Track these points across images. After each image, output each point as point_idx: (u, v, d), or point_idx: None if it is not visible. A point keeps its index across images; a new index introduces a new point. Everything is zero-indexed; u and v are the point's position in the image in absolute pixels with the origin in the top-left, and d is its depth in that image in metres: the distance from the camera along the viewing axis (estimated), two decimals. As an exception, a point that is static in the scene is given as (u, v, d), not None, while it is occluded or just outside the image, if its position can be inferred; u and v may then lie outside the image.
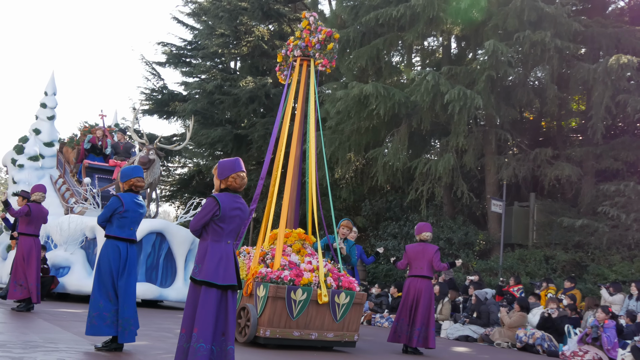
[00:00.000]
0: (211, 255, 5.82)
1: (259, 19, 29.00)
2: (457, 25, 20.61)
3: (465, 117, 18.06)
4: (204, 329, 5.73)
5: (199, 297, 5.81)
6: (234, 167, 5.93)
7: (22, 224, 11.57)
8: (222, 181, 5.94)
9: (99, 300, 7.51)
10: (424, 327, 10.31)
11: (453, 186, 19.93)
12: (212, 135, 27.18)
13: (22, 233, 11.54)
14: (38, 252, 11.53)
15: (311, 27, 11.05)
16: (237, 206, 5.91)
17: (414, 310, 10.40)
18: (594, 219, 17.44)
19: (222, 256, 5.83)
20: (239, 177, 5.92)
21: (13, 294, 11.35)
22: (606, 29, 18.43)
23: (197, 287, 5.83)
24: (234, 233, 5.95)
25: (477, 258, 19.74)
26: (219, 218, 5.79)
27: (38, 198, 11.60)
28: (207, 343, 5.71)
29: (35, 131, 21.15)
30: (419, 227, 10.92)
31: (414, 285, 10.52)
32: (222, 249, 5.86)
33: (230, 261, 5.87)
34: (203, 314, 5.77)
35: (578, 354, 11.52)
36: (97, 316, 7.43)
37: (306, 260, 9.69)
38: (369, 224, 22.86)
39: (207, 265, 5.80)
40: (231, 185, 5.92)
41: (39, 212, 11.51)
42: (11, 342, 7.48)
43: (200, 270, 5.80)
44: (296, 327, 9.21)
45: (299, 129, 10.93)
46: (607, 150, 18.40)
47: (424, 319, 10.32)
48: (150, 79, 32.00)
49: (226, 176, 5.91)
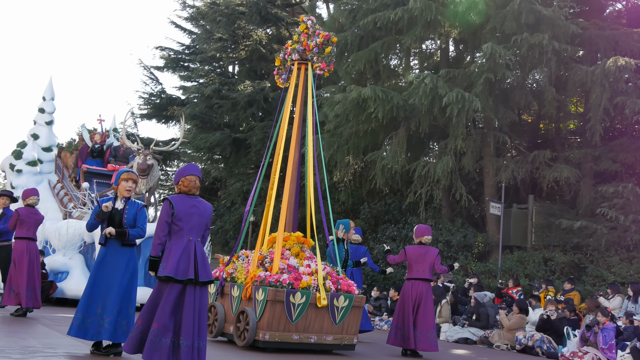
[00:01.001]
0: (174, 252, 6.36)
1: (257, 23, 29.03)
2: (455, 28, 20.64)
3: (463, 119, 18.07)
4: (163, 324, 6.20)
5: (162, 293, 6.34)
6: (184, 171, 6.65)
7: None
8: (176, 186, 6.64)
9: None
10: (427, 330, 10.25)
11: (452, 189, 19.93)
12: (211, 139, 27.20)
13: (15, 237, 11.54)
14: (32, 255, 11.35)
15: (309, 30, 11.05)
16: (193, 204, 6.53)
17: (415, 313, 10.35)
18: (593, 221, 17.45)
19: (183, 252, 6.35)
20: (187, 180, 6.57)
21: (7, 300, 11.33)
22: (604, 31, 18.46)
23: (161, 284, 6.38)
24: (196, 230, 6.50)
25: (476, 260, 19.74)
26: (175, 217, 6.39)
27: (32, 202, 11.57)
28: (167, 338, 6.18)
29: (33, 136, 21.12)
30: (419, 230, 10.86)
31: (415, 288, 10.46)
32: (182, 246, 6.39)
33: (191, 257, 6.38)
34: (163, 309, 6.24)
35: (577, 355, 11.53)
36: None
37: (305, 264, 9.69)
38: (367, 227, 22.86)
39: (170, 262, 6.32)
40: (182, 188, 6.58)
41: (30, 214, 11.42)
42: (10, 347, 7.47)
43: (164, 268, 6.32)
44: (295, 330, 9.20)
45: (298, 132, 10.94)
46: (605, 152, 18.43)
47: (427, 322, 10.28)
48: (149, 83, 32.07)
49: (177, 181, 6.63)
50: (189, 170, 6.67)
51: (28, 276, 11.21)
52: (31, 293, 11.23)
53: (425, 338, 10.20)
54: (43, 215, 12.08)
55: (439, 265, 10.52)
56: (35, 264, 11.39)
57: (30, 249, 11.42)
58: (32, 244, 11.49)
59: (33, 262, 11.37)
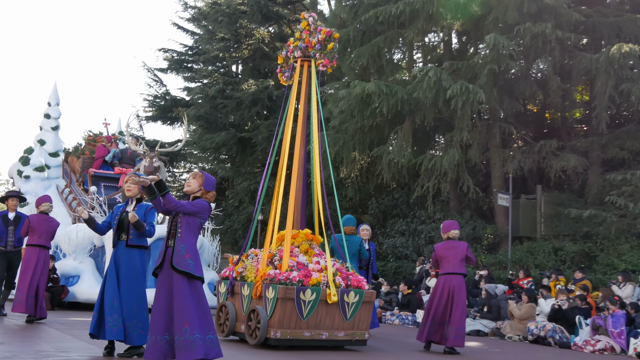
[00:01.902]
0: (198, 253, 6.66)
1: (258, 21, 29.04)
2: (457, 20, 20.56)
3: (468, 111, 18.03)
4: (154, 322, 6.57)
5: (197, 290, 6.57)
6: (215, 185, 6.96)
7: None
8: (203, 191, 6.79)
9: None
10: (459, 326, 10.03)
11: (459, 181, 19.90)
12: (217, 139, 27.26)
13: (26, 244, 11.56)
14: (39, 263, 11.32)
15: (311, 27, 11.04)
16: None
17: (450, 308, 10.12)
18: (602, 209, 17.39)
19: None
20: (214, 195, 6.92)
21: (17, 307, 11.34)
22: (607, 18, 18.38)
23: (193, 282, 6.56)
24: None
25: (486, 252, 19.72)
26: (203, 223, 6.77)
27: (45, 209, 11.54)
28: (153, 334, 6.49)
29: (40, 142, 21.22)
30: (445, 226, 10.68)
31: (448, 283, 10.22)
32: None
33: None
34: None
35: (590, 343, 11.52)
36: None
37: (314, 261, 9.69)
38: (376, 222, 22.85)
39: (199, 263, 6.57)
40: (210, 198, 6.79)
41: (41, 221, 11.40)
42: (24, 352, 7.51)
43: (197, 269, 6.52)
44: (306, 327, 9.21)
45: (302, 129, 10.93)
46: (612, 139, 18.36)
47: (459, 317, 10.05)
48: (153, 85, 32.14)
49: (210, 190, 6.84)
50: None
51: (30, 283, 11.15)
52: (31, 300, 11.16)
53: (459, 334, 10.02)
54: (58, 222, 12.04)
55: (472, 256, 10.40)
56: (41, 272, 11.30)
57: (40, 256, 11.37)
58: (42, 252, 11.43)
59: (39, 270, 11.30)
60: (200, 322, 6.35)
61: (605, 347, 11.37)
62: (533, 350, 11.48)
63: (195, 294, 6.47)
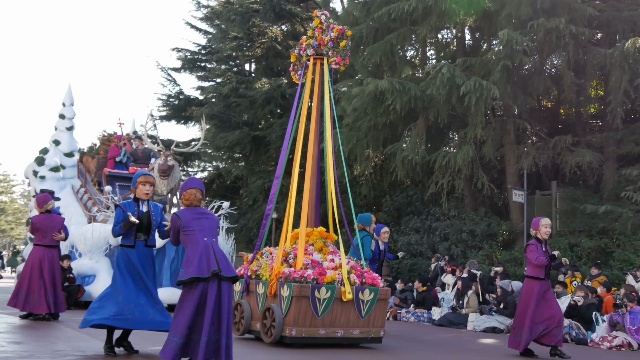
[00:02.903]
0: (191, 255, 6.40)
1: (271, 20, 29.08)
2: (470, 17, 20.50)
3: (482, 108, 17.97)
4: (181, 326, 6.27)
5: (185, 298, 6.40)
6: (185, 185, 6.80)
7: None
8: (180, 200, 6.86)
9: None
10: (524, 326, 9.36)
11: (473, 178, 19.85)
12: (230, 138, 27.32)
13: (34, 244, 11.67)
14: (46, 261, 11.40)
15: (323, 25, 11.03)
16: (200, 212, 6.66)
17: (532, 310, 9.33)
18: (618, 205, 17.29)
19: (201, 252, 6.38)
20: (187, 193, 6.74)
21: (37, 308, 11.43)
22: (621, 12, 18.26)
23: (185, 290, 6.43)
24: (208, 231, 6.56)
25: (501, 249, 19.65)
26: (184, 226, 6.53)
27: (50, 207, 11.65)
28: (181, 338, 6.25)
29: (55, 142, 21.33)
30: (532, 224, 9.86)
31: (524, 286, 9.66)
32: (199, 248, 6.42)
33: (210, 254, 6.41)
34: (185, 312, 6.32)
35: (607, 340, 11.45)
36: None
37: (329, 259, 9.69)
38: (390, 219, 22.83)
39: (191, 265, 6.35)
40: (184, 202, 6.76)
41: (43, 221, 11.48)
42: (40, 351, 7.55)
43: (186, 272, 6.36)
44: (322, 325, 9.21)
45: (316, 127, 10.93)
46: (627, 134, 18.25)
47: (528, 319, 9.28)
48: (167, 85, 32.27)
49: (180, 195, 6.82)
50: (190, 184, 6.81)
51: (29, 280, 11.26)
52: (29, 297, 11.26)
53: (521, 335, 9.38)
54: (63, 216, 12.10)
55: (527, 255, 9.55)
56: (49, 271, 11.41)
57: (46, 255, 11.46)
58: (49, 251, 11.51)
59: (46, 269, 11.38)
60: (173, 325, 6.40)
61: (622, 344, 11.30)
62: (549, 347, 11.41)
63: (184, 295, 6.45)
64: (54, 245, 11.59)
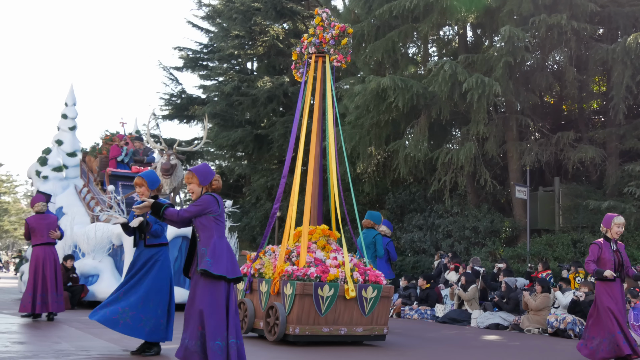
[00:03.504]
0: (222, 251, 6.18)
1: (272, 18, 29.08)
2: (472, 13, 20.46)
3: (484, 104, 17.96)
4: (218, 326, 6.05)
5: (216, 295, 6.11)
6: (212, 171, 6.43)
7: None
8: (207, 186, 6.39)
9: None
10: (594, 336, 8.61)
11: (476, 174, 19.84)
12: (233, 136, 27.34)
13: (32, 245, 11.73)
14: (48, 260, 11.47)
15: (324, 23, 11.03)
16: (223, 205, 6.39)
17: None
18: (621, 200, 17.27)
19: (228, 251, 6.24)
20: (218, 179, 6.41)
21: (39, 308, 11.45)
22: (623, 8, 18.22)
23: (213, 284, 6.12)
24: (224, 229, 6.42)
25: (504, 245, 19.63)
26: (219, 214, 6.22)
27: (38, 209, 11.68)
28: (223, 340, 6.03)
29: (57, 142, 21.37)
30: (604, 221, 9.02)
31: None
32: (226, 245, 6.26)
33: (233, 255, 6.30)
34: (219, 313, 6.09)
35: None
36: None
37: (331, 256, 9.70)
38: (393, 216, 22.82)
39: (220, 261, 6.13)
40: (214, 187, 6.41)
41: (38, 221, 11.55)
42: (44, 351, 7.57)
43: (219, 266, 6.11)
44: (325, 323, 9.22)
45: (318, 125, 10.94)
46: (630, 130, 18.22)
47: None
48: (169, 84, 32.26)
49: (210, 180, 6.38)
50: (212, 170, 6.49)
51: (34, 280, 11.32)
52: (29, 298, 11.30)
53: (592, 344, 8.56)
54: (55, 215, 12.28)
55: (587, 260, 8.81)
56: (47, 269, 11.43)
57: (46, 253, 11.53)
58: (48, 249, 11.59)
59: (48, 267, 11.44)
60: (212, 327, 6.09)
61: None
62: (553, 343, 11.42)
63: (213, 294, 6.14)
64: (51, 242, 11.67)
